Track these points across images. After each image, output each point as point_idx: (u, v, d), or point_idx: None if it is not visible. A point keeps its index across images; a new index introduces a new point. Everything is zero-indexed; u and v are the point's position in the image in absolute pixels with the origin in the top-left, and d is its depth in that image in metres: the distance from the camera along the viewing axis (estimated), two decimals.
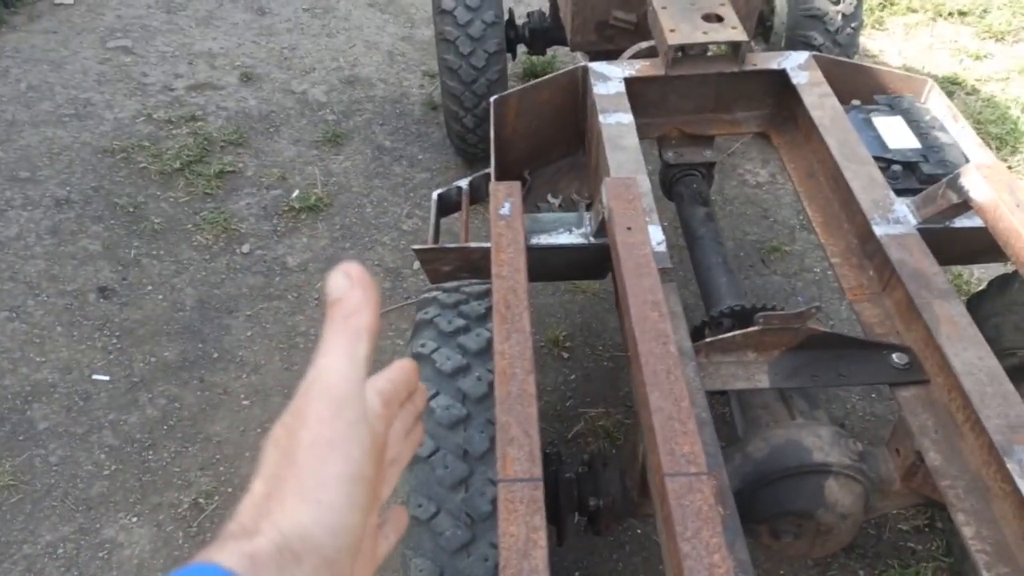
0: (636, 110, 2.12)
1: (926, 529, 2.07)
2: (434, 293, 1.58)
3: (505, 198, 1.49)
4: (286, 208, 3.08)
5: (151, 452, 2.29)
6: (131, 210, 3.06)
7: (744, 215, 3.04)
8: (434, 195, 2.15)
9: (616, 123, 2.05)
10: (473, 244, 1.74)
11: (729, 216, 3.04)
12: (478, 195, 2.26)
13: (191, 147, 3.35)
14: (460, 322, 1.45)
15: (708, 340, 1.62)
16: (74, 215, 3.05)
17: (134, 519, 2.14)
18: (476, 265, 1.86)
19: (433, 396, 1.32)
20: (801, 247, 2.90)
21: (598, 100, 2.12)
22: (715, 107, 2.34)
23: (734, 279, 2.06)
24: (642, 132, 2.13)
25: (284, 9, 4.39)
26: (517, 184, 1.56)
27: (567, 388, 2.46)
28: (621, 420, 2.35)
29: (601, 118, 2.06)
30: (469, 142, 3.09)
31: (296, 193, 3.15)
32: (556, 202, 2.30)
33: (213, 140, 3.41)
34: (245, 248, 2.93)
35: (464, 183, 2.20)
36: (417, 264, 2.86)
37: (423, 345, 1.41)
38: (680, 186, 2.34)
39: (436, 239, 1.95)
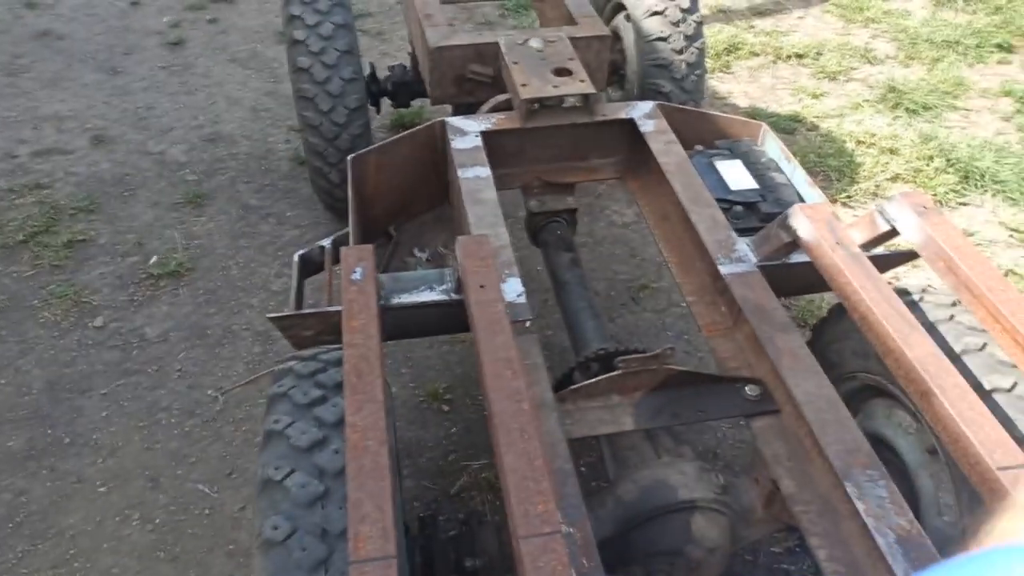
0: (496, 162, 2.16)
1: (797, 549, 2.16)
2: (290, 363, 1.53)
3: (357, 262, 1.48)
4: (144, 276, 2.93)
5: None
6: None
7: (613, 254, 3.14)
8: (295, 257, 2.10)
9: (474, 177, 2.07)
10: (332, 308, 1.70)
11: (599, 256, 3.13)
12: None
13: (36, 217, 3.14)
14: (316, 392, 1.40)
15: (573, 387, 1.65)
16: None
17: None
18: (339, 328, 1.82)
19: (288, 475, 1.27)
20: (668, 284, 3.01)
21: (456, 155, 2.14)
22: (572, 155, 2.41)
23: (600, 323, 2.10)
24: (504, 183, 2.17)
25: (139, 68, 4.23)
26: (369, 248, 1.55)
27: (449, 442, 2.43)
28: None
29: (459, 172, 2.08)
30: (336, 197, 3.04)
31: (154, 259, 3.01)
32: (424, 256, 2.30)
33: (61, 208, 3.22)
34: (99, 322, 2.75)
35: (327, 243, 2.15)
36: None
37: (276, 421, 1.35)
38: (545, 233, 2.39)
39: (299, 303, 1.90)
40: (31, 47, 4.35)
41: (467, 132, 2.23)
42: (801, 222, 1.60)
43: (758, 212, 1.98)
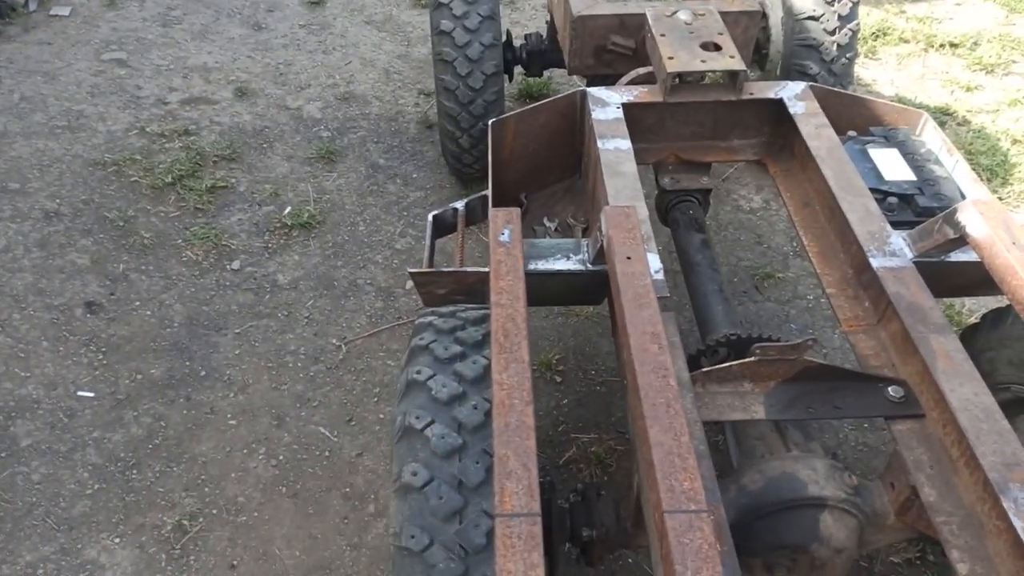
0: (633, 135, 2.12)
1: (917, 562, 2.06)
2: (429, 318, 1.56)
3: (505, 224, 1.49)
4: (278, 225, 3.06)
5: (135, 471, 2.25)
6: (121, 224, 3.03)
7: (738, 241, 3.05)
8: (429, 216, 2.14)
9: (614, 149, 2.05)
10: (470, 268, 1.73)
11: (723, 242, 3.05)
12: (473, 217, 2.25)
13: (183, 161, 3.33)
14: (456, 349, 1.43)
15: (705, 370, 1.61)
16: (63, 228, 3.01)
17: (116, 540, 2.09)
18: (471, 289, 1.85)
19: (428, 424, 1.30)
20: (794, 274, 2.90)
21: (596, 125, 2.12)
22: (712, 134, 2.35)
23: (730, 307, 2.05)
24: (639, 157, 2.13)
25: (280, 25, 4.39)
26: (517, 211, 1.55)
27: (559, 413, 2.44)
28: (613, 446, 2.33)
29: (599, 143, 2.06)
30: (464, 162, 3.08)
31: (288, 210, 3.14)
32: (552, 226, 2.29)
33: (206, 155, 3.39)
34: (235, 264, 2.90)
35: (460, 205, 2.18)
36: (410, 284, 2.84)
37: (419, 372, 1.39)
38: (676, 212, 2.34)
39: (431, 261, 1.94)
40: (183, 0, 4.58)
41: (608, 103, 2.20)
42: (972, 218, 1.50)
43: (914, 205, 1.87)
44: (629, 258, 1.39)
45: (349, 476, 2.26)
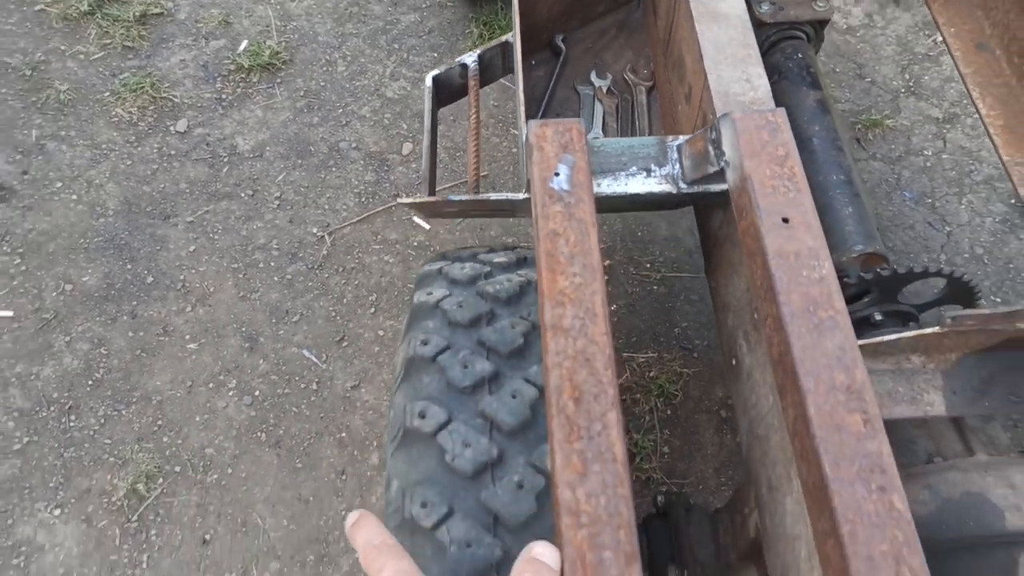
0: None
1: None
2: (433, 293, 0.98)
3: (559, 150, 0.85)
4: (233, 67, 2.36)
5: (74, 417, 1.78)
6: (29, 73, 2.33)
7: (832, 74, 2.34)
8: (428, 80, 1.48)
9: None
10: (492, 196, 1.12)
11: None
12: (491, 74, 1.58)
13: None
14: (482, 307, 0.87)
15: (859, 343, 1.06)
16: None
17: (56, 511, 1.67)
18: (496, 208, 1.25)
19: (442, 426, 0.77)
20: (908, 119, 2.23)
21: None
22: None
23: (863, 207, 1.44)
24: None
25: None
26: (578, 125, 0.91)
27: None
28: (677, 369, 1.83)
29: None
30: None
31: (244, 45, 2.41)
32: (603, 84, 1.62)
33: None
34: (181, 125, 2.25)
35: (471, 59, 1.51)
36: (407, 148, 2.21)
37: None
38: (778, 55, 1.65)
39: (431, 173, 1.31)
40: None
41: None
42: None
43: None
44: (786, 220, 0.79)
45: (344, 416, 1.79)
